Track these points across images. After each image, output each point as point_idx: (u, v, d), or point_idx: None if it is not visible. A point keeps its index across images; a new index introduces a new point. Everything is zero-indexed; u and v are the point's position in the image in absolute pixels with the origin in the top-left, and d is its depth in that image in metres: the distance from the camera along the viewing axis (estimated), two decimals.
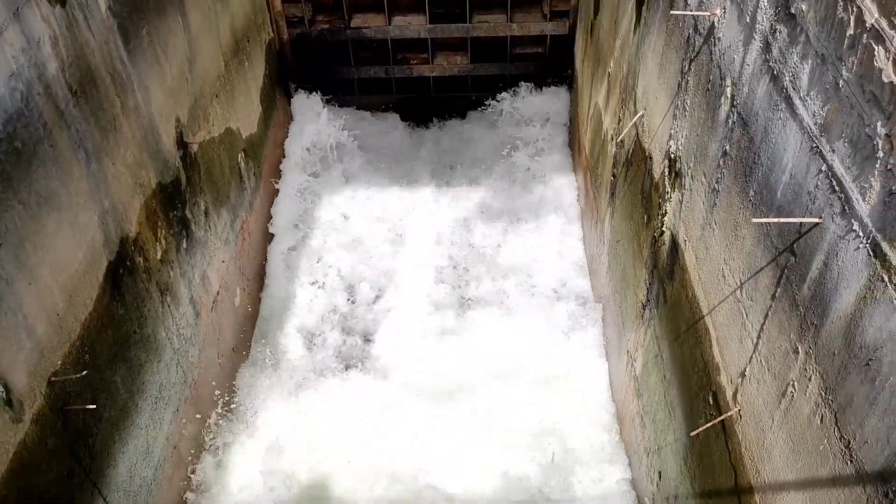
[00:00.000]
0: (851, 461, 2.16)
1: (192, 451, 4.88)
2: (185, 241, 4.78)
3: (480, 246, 6.90)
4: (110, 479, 3.74)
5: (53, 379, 3.23)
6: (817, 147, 2.36)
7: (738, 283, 3.07)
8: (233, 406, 5.33)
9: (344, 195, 7.35)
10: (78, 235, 3.48)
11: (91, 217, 3.61)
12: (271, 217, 6.89)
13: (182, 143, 4.78)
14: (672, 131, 4.02)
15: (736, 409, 3.11)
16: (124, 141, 3.97)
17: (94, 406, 3.50)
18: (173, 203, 4.63)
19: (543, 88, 8.02)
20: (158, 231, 4.39)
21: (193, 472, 4.83)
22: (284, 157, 7.43)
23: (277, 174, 7.22)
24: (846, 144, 2.18)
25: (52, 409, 3.21)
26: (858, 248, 2.10)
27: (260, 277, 6.52)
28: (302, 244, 6.89)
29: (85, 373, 3.43)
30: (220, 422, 5.15)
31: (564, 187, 7.37)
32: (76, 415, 3.40)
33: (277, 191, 7.07)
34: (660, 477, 4.34)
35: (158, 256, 4.37)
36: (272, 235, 6.82)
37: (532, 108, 7.97)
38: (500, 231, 7.00)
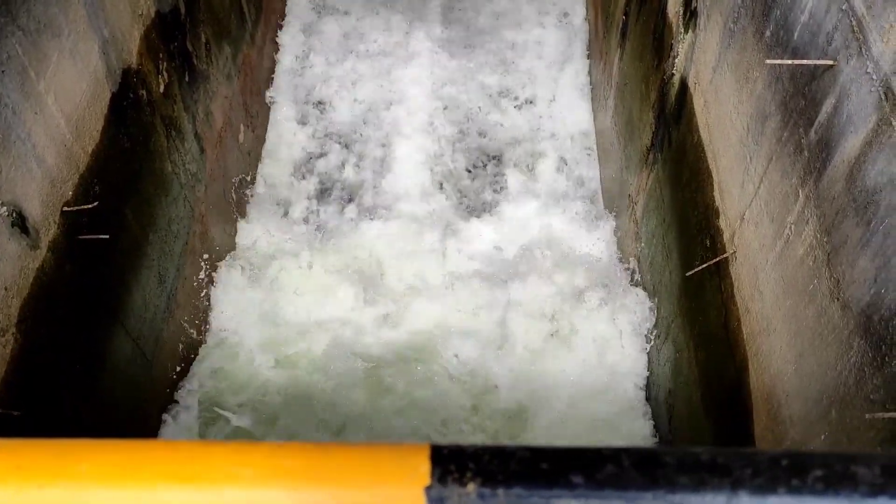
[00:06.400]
0: (838, 299, 2.26)
1: (202, 282, 5.05)
2: (186, 74, 4.70)
3: (482, 81, 6.80)
4: (127, 306, 3.90)
5: (66, 209, 3.30)
6: None
7: (745, 128, 3.07)
8: (238, 240, 5.46)
9: (350, 32, 7.13)
10: (80, 65, 3.43)
11: (92, 46, 3.54)
12: (274, 52, 6.73)
13: None
14: None
15: (732, 251, 3.20)
16: None
17: (108, 236, 3.59)
18: (173, 34, 4.52)
19: None
20: (160, 63, 4.31)
21: (204, 300, 5.03)
22: None
23: (279, 6, 6.98)
24: None
25: (67, 237, 3.30)
26: (871, 91, 2.09)
27: (263, 114, 6.46)
28: (304, 83, 6.78)
29: (96, 204, 3.49)
30: (227, 254, 5.29)
31: (574, 26, 7.15)
32: (90, 244, 3.49)
33: (280, 24, 6.86)
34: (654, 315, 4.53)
35: (161, 90, 4.32)
36: (274, 71, 6.69)
37: None
38: (500, 67, 6.89)
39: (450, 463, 0.39)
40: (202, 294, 5.04)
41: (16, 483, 0.40)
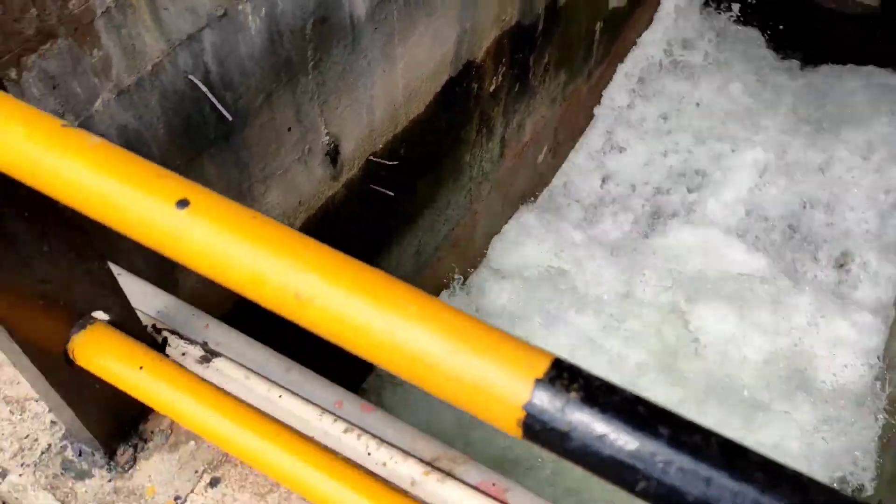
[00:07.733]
0: None
1: (452, 267, 5.35)
2: (518, 84, 4.99)
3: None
4: (380, 263, 4.26)
5: (371, 158, 3.69)
6: None
7: None
8: (494, 252, 5.69)
9: (674, 105, 7.06)
10: (436, 45, 3.80)
11: (451, 33, 3.91)
12: (601, 94, 6.88)
13: None
14: None
15: None
16: None
17: (393, 195, 3.95)
18: (522, 46, 4.82)
19: None
20: (499, 67, 4.62)
21: (447, 285, 5.33)
22: (638, 40, 7.27)
23: (625, 54, 7.12)
24: None
25: (361, 183, 3.69)
26: None
27: (568, 145, 6.64)
28: (619, 129, 6.84)
29: (396, 163, 3.86)
30: (480, 260, 5.54)
31: None
32: (377, 196, 3.87)
33: (617, 69, 7.01)
34: None
35: (491, 90, 4.64)
36: (595, 110, 6.84)
37: None
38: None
39: (565, 371, 0.43)
40: (446, 281, 5.34)
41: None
